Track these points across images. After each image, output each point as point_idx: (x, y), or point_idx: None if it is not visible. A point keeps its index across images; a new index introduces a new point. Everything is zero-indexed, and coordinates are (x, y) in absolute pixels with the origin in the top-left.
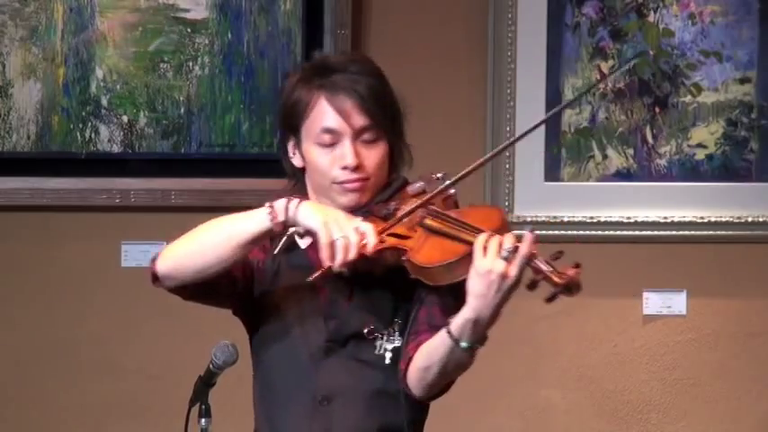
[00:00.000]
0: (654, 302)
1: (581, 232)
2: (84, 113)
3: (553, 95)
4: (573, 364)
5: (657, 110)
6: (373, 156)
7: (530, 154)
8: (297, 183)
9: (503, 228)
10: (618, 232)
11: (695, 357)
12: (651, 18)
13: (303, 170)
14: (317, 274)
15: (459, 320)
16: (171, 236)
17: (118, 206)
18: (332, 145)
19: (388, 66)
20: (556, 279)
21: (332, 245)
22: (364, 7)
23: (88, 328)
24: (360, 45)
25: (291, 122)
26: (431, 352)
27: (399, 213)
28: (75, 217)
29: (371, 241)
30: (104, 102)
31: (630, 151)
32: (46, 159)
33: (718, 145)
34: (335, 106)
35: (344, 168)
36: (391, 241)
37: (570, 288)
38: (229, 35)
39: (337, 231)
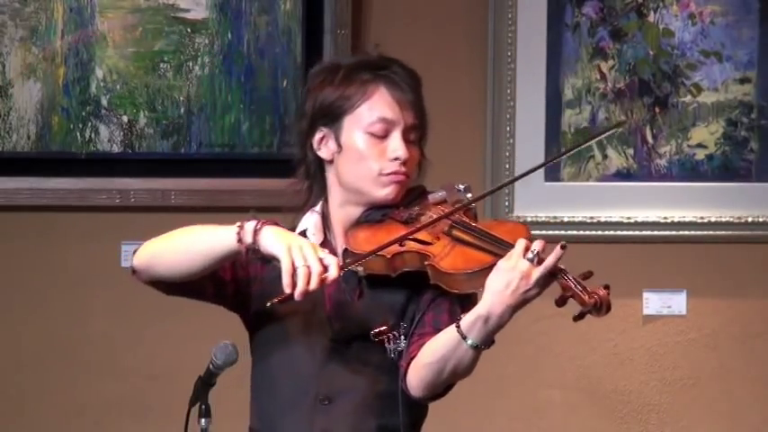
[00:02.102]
0: (654, 302)
1: (581, 232)
2: (84, 113)
3: (553, 95)
4: (573, 364)
5: (657, 110)
6: (414, 155)
7: (530, 154)
8: (313, 178)
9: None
10: (618, 232)
11: (695, 357)
12: (651, 18)
13: (323, 166)
14: (275, 300)
15: (470, 317)
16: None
17: (118, 206)
18: (382, 137)
19: None
20: (585, 297)
21: (293, 273)
22: (364, 7)
23: (88, 328)
24: (360, 45)
25: (333, 112)
26: (436, 348)
27: (423, 219)
28: (75, 217)
29: (333, 273)
30: (104, 102)
31: (630, 151)
32: (46, 159)
33: (718, 145)
34: (395, 97)
35: (395, 160)
36: (413, 246)
37: (600, 308)
38: (229, 35)
39: (300, 259)
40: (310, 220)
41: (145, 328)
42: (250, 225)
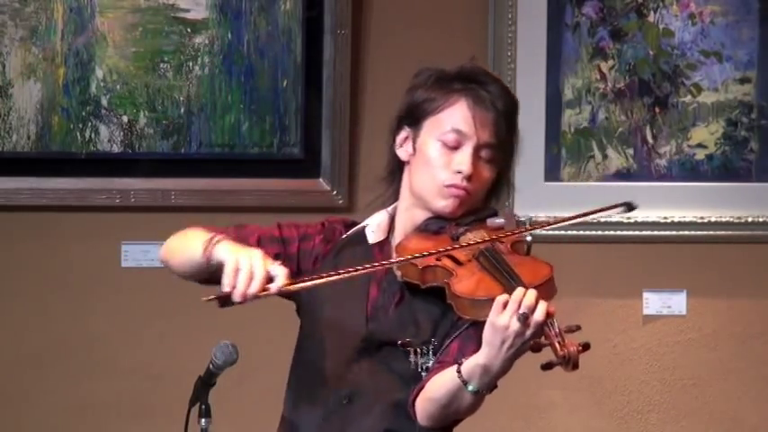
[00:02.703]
0: (654, 302)
1: (581, 232)
2: (84, 113)
3: (553, 95)
4: None
5: (657, 110)
6: (484, 175)
7: (530, 154)
8: (393, 177)
9: (543, 285)
10: (618, 232)
11: (695, 357)
12: (651, 18)
13: (403, 166)
14: (211, 297)
15: (470, 363)
16: (171, 236)
17: (118, 206)
18: (453, 148)
19: (389, 66)
20: (558, 348)
21: (236, 272)
22: (364, 7)
23: (88, 328)
24: (360, 45)
25: (416, 114)
26: (439, 386)
27: (464, 239)
28: (75, 217)
29: (279, 283)
30: (104, 102)
31: (630, 151)
32: (46, 159)
33: (718, 145)
34: (473, 112)
35: (457, 173)
36: (446, 263)
37: (567, 362)
38: (229, 35)
39: (245, 263)
40: (376, 219)
41: (145, 328)
42: (218, 237)
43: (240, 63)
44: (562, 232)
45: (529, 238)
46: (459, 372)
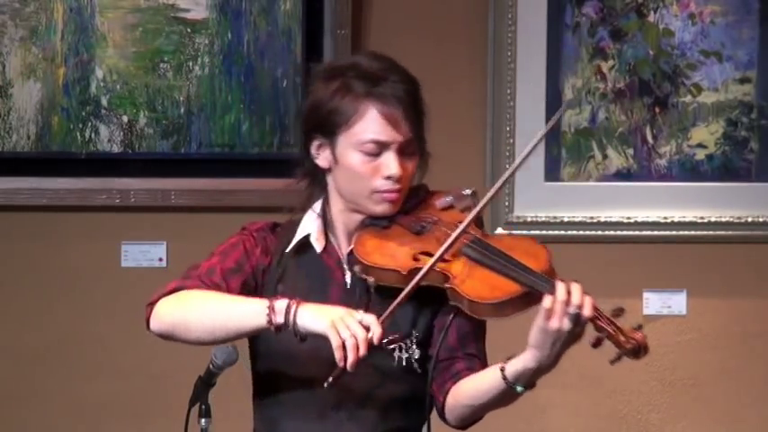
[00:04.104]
0: (654, 302)
1: (581, 232)
2: (84, 113)
3: (553, 95)
4: (573, 364)
5: (657, 110)
6: (410, 168)
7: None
8: (313, 178)
9: (551, 270)
10: (618, 232)
11: (695, 357)
12: (651, 18)
13: (325, 171)
14: (331, 380)
15: (518, 367)
16: (171, 236)
17: (118, 206)
18: (375, 155)
19: None
20: (622, 341)
21: (343, 346)
22: (364, 7)
23: (88, 328)
24: (360, 45)
25: (327, 126)
26: (479, 393)
27: (434, 231)
28: (75, 217)
29: (377, 332)
30: (104, 102)
31: (630, 151)
32: (46, 159)
33: (718, 145)
34: (387, 119)
35: (388, 178)
36: (440, 265)
37: (638, 352)
38: (229, 35)
39: (345, 330)
40: (312, 226)
41: (144, 328)
42: (281, 305)
43: (240, 63)
44: (562, 232)
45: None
46: (504, 378)
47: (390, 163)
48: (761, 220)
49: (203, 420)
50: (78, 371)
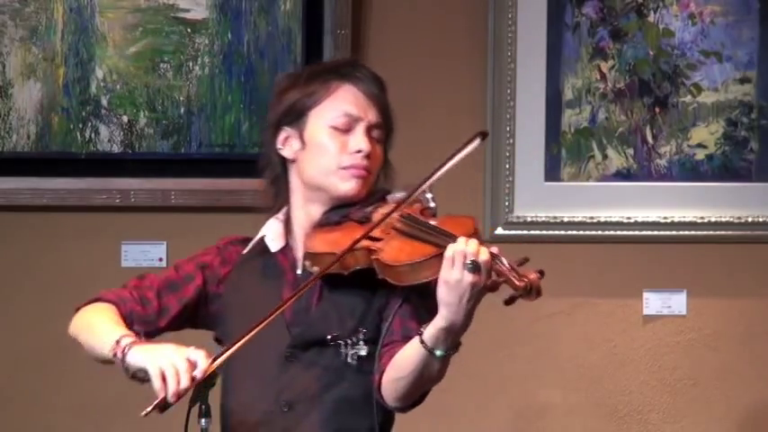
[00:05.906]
0: (654, 302)
1: (581, 232)
2: (84, 113)
3: (553, 95)
4: (573, 364)
5: (657, 110)
6: (378, 153)
7: (530, 154)
8: (278, 181)
9: (474, 234)
10: (618, 232)
11: (695, 357)
12: (651, 18)
13: (288, 165)
14: (149, 409)
15: (431, 330)
16: (171, 236)
17: (118, 206)
18: (345, 131)
19: (389, 66)
20: (516, 281)
21: (163, 378)
22: (364, 7)
23: None
24: (360, 45)
25: (296, 110)
26: (403, 362)
27: (375, 217)
28: (75, 217)
29: (202, 365)
30: (104, 102)
31: (630, 151)
32: (46, 159)
33: (718, 145)
34: (357, 95)
35: (357, 152)
36: (363, 243)
37: (530, 291)
38: (229, 35)
39: (166, 363)
40: (270, 228)
41: None
42: (125, 340)
43: (240, 63)
44: (562, 232)
45: (433, 204)
46: (422, 342)
47: (360, 138)
48: (761, 220)
49: (203, 420)
50: (78, 371)
